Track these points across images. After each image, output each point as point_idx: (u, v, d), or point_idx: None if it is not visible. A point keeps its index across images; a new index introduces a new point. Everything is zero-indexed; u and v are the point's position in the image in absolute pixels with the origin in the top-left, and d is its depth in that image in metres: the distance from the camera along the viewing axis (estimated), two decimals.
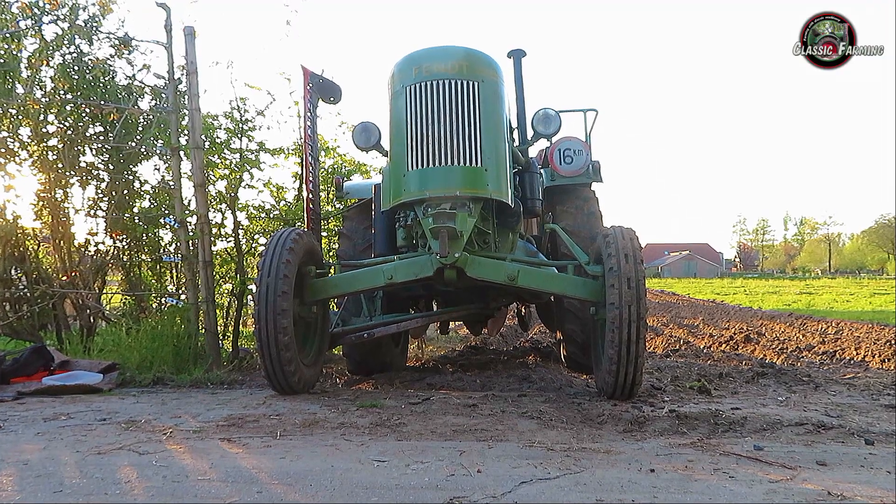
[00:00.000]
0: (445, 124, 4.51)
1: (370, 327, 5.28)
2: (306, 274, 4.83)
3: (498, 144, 4.69)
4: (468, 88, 4.59)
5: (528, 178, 5.28)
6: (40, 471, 2.81)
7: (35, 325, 6.67)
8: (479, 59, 4.80)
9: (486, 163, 4.54)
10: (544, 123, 5.15)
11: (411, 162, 4.57)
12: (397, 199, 4.70)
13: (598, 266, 4.56)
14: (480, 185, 4.53)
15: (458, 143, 4.49)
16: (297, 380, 4.62)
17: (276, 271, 4.45)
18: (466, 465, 2.87)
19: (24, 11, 6.64)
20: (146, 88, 7.04)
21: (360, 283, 4.86)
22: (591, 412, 3.98)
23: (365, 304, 5.64)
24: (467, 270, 4.52)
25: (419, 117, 4.57)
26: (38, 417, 3.99)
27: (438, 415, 3.96)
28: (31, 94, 6.50)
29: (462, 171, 4.49)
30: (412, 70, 4.72)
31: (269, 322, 4.40)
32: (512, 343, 9.26)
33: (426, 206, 4.53)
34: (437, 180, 4.51)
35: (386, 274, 4.68)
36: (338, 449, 3.16)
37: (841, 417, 3.90)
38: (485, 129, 4.58)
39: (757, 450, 3.11)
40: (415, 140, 4.56)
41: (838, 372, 6.24)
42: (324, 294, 4.93)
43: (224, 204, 6.91)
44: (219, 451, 3.13)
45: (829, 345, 8.54)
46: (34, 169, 6.68)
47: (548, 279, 4.78)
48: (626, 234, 4.43)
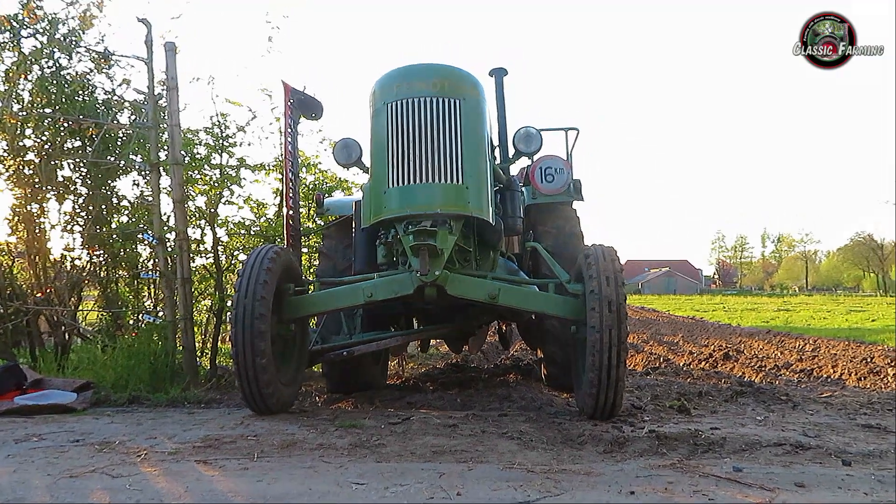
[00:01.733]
0: (426, 142, 4.50)
1: (349, 345, 5.19)
2: (284, 292, 4.77)
3: (479, 162, 4.68)
4: (449, 106, 4.59)
5: (510, 196, 5.25)
6: (10, 495, 2.74)
7: (8, 342, 6.55)
8: (461, 76, 4.81)
9: (467, 180, 4.53)
10: (525, 142, 5.18)
11: (392, 179, 4.55)
12: (378, 216, 4.67)
13: (578, 284, 4.54)
14: (461, 203, 4.51)
15: (439, 161, 4.48)
16: (275, 401, 4.55)
17: (253, 293, 4.36)
18: (446, 487, 2.84)
19: (1, 24, 6.58)
20: (126, 103, 7.00)
21: (340, 300, 4.81)
22: (572, 432, 3.98)
23: (344, 322, 5.56)
24: (448, 288, 4.49)
25: (400, 135, 4.56)
26: (10, 439, 3.90)
27: (418, 435, 3.93)
28: (8, 107, 6.43)
29: (443, 188, 4.48)
30: (393, 87, 4.72)
31: (247, 345, 4.33)
32: (493, 360, 9.24)
33: (407, 223, 4.48)
34: (418, 198, 4.49)
35: (365, 292, 4.63)
36: (316, 471, 3.12)
37: (819, 437, 3.92)
38: (466, 147, 4.57)
39: (736, 471, 3.12)
40: (396, 157, 4.55)
41: (816, 390, 6.29)
42: (302, 312, 4.87)
43: (203, 220, 6.87)
44: (194, 474, 3.08)
45: (807, 362, 8.62)
46: (10, 183, 6.60)
47: (529, 297, 4.78)
48: (608, 255, 4.43)
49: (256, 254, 4.63)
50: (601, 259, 4.37)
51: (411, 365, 8.81)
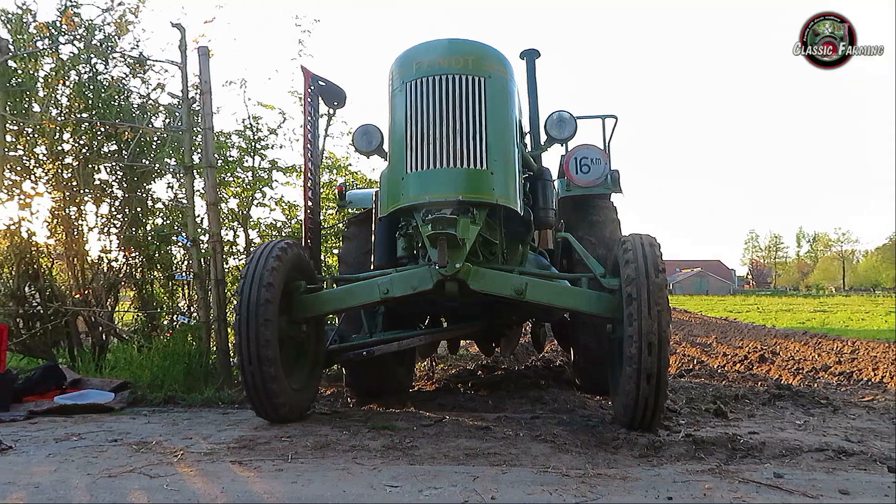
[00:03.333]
0: (448, 123, 4.18)
1: (368, 344, 4.88)
2: (295, 289, 4.49)
3: (506, 146, 4.35)
4: (474, 84, 4.27)
5: (541, 186, 4.90)
6: (51, 494, 2.79)
7: (48, 342, 6.68)
8: (486, 53, 4.48)
9: (492, 165, 4.19)
10: (559, 127, 4.85)
11: (410, 164, 4.23)
12: (395, 204, 4.34)
13: (614, 279, 4.18)
14: (485, 190, 4.17)
15: (461, 144, 4.15)
16: (282, 402, 4.20)
17: (259, 278, 4.09)
18: (480, 490, 2.82)
19: (41, 32, 6.73)
20: (160, 107, 7.10)
21: (354, 298, 4.49)
22: (606, 436, 3.92)
23: (364, 320, 5.21)
24: (470, 283, 4.14)
25: (419, 116, 4.24)
26: (50, 438, 3.98)
27: (451, 437, 3.92)
28: (48, 113, 6.56)
29: (465, 173, 4.15)
30: (413, 65, 4.41)
31: (252, 332, 4.03)
32: (524, 362, 9.18)
33: (425, 211, 4.12)
34: (438, 183, 4.15)
35: (381, 288, 4.32)
36: (350, 473, 3.12)
37: (862, 443, 3.82)
38: (491, 129, 4.24)
39: (777, 477, 3.05)
40: (414, 140, 4.23)
41: (856, 394, 6.14)
42: (314, 311, 4.54)
43: (236, 222, 6.94)
44: (230, 475, 3.10)
45: (846, 365, 8.42)
46: (49, 187, 6.73)
47: (559, 293, 4.40)
48: (647, 243, 4.01)
49: (264, 246, 4.34)
50: (639, 248, 3.96)
51: (442, 366, 8.80)
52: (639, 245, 3.99)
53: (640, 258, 3.88)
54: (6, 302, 6.53)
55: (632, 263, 3.87)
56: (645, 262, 3.85)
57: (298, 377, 4.59)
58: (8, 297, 6.53)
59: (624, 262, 3.94)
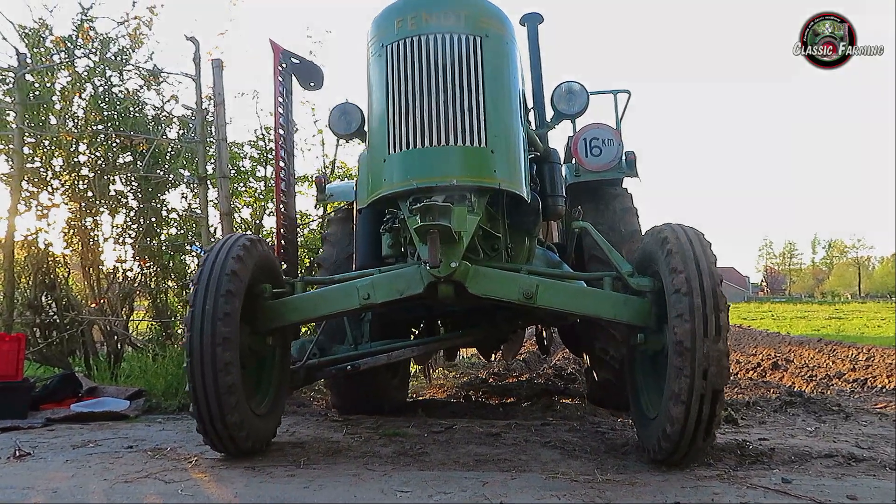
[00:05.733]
0: (438, 93, 3.47)
1: (353, 357, 4.32)
2: (260, 294, 3.71)
3: (509, 119, 3.67)
4: (468, 45, 3.57)
5: (549, 169, 4.24)
6: (69, 499, 2.85)
7: (64, 351, 6.78)
8: (482, 7, 3.77)
9: (492, 142, 3.50)
10: (567, 100, 4.26)
11: (394, 143, 3.53)
12: (376, 191, 3.64)
13: (645, 278, 3.47)
14: (486, 172, 3.49)
15: (454, 116, 3.45)
16: (244, 435, 3.41)
17: (216, 286, 3.28)
18: (490, 495, 2.85)
19: (57, 46, 6.87)
20: (174, 119, 7.22)
21: (328, 305, 3.72)
22: (616, 442, 3.95)
23: (349, 328, 4.54)
24: (469, 286, 3.42)
25: (403, 84, 3.54)
26: (67, 444, 4.05)
27: (461, 444, 3.95)
28: (64, 125, 6.70)
29: (461, 152, 3.46)
30: (394, 24, 3.69)
31: (206, 355, 3.21)
32: (535, 370, 9.21)
33: (413, 199, 3.44)
34: (428, 165, 3.46)
35: (361, 293, 3.57)
36: (361, 478, 3.16)
37: (872, 449, 3.81)
38: (490, 98, 3.54)
39: (785, 483, 3.05)
40: (398, 115, 3.53)
41: (870, 401, 6.11)
42: (281, 320, 3.73)
43: (249, 231, 7.01)
44: (243, 480, 3.15)
45: (860, 372, 8.38)
46: (65, 198, 6.85)
47: (577, 297, 3.61)
48: (695, 237, 3.22)
49: (222, 242, 3.54)
50: (685, 240, 3.16)
51: (453, 374, 8.83)
52: (685, 240, 3.18)
53: (687, 258, 3.08)
54: (23, 311, 6.64)
55: (678, 269, 3.06)
56: (696, 264, 3.06)
57: (262, 399, 3.86)
58: (25, 306, 6.64)
59: (668, 267, 3.12)
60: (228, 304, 3.27)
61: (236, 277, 3.35)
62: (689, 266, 3.05)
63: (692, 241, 3.16)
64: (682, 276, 3.03)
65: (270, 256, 3.88)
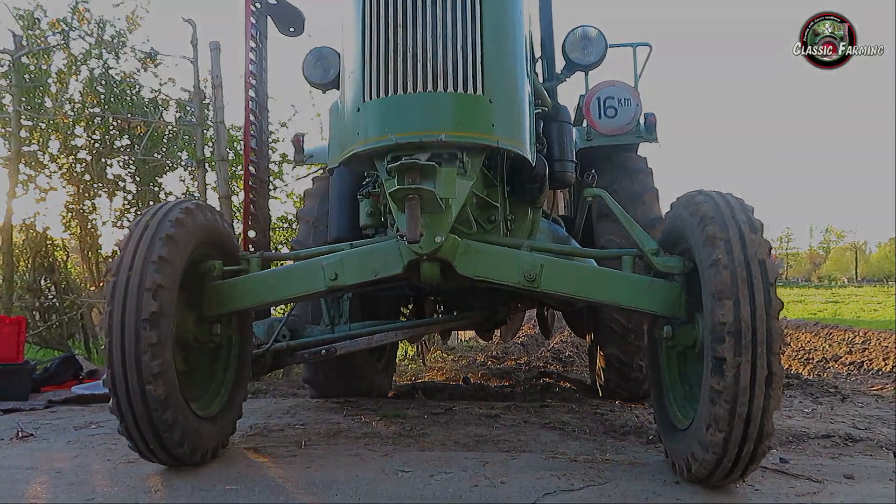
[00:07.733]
0: (425, 25, 2.81)
1: (329, 342, 3.89)
2: (207, 273, 3.06)
3: (511, 63, 3.01)
4: None
5: (557, 129, 3.54)
6: (73, 479, 2.86)
7: (64, 334, 6.80)
8: None
9: (490, 90, 2.84)
10: (582, 47, 3.60)
11: (370, 88, 2.85)
12: (348, 148, 2.99)
13: (674, 258, 2.85)
14: (482, 126, 2.84)
15: (444, 55, 2.79)
16: (177, 440, 2.71)
17: (146, 252, 2.62)
18: (490, 476, 2.88)
19: (53, 27, 6.82)
20: (171, 101, 7.19)
21: (288, 287, 3.13)
22: (615, 423, 3.97)
23: (325, 307, 4.04)
24: (457, 265, 2.88)
25: (383, 14, 2.85)
26: (69, 426, 4.06)
27: (461, 425, 3.97)
28: (60, 108, 6.67)
29: (452, 100, 2.80)
30: None
31: (129, 335, 2.55)
32: (533, 353, 9.25)
33: (392, 157, 2.79)
34: (410, 115, 2.79)
35: (328, 272, 2.98)
36: (362, 459, 3.18)
37: (869, 430, 3.85)
38: (490, 35, 2.87)
39: (783, 462, 3.08)
40: (375, 54, 2.85)
41: (866, 383, 6.17)
42: (231, 304, 3.09)
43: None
44: (245, 461, 3.17)
45: (857, 355, 8.43)
46: (63, 181, 6.84)
47: (590, 280, 2.96)
48: (737, 206, 2.56)
49: (153, 211, 2.81)
50: (727, 210, 2.52)
51: (451, 357, 8.87)
52: (726, 210, 2.52)
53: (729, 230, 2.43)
54: (23, 295, 6.64)
55: (719, 242, 2.40)
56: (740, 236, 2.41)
57: (212, 399, 3.23)
58: (24, 290, 6.65)
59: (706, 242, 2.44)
60: (160, 274, 2.59)
61: (172, 242, 2.67)
62: (731, 236, 2.40)
63: (732, 207, 2.54)
64: (719, 246, 2.39)
65: (221, 227, 3.15)
